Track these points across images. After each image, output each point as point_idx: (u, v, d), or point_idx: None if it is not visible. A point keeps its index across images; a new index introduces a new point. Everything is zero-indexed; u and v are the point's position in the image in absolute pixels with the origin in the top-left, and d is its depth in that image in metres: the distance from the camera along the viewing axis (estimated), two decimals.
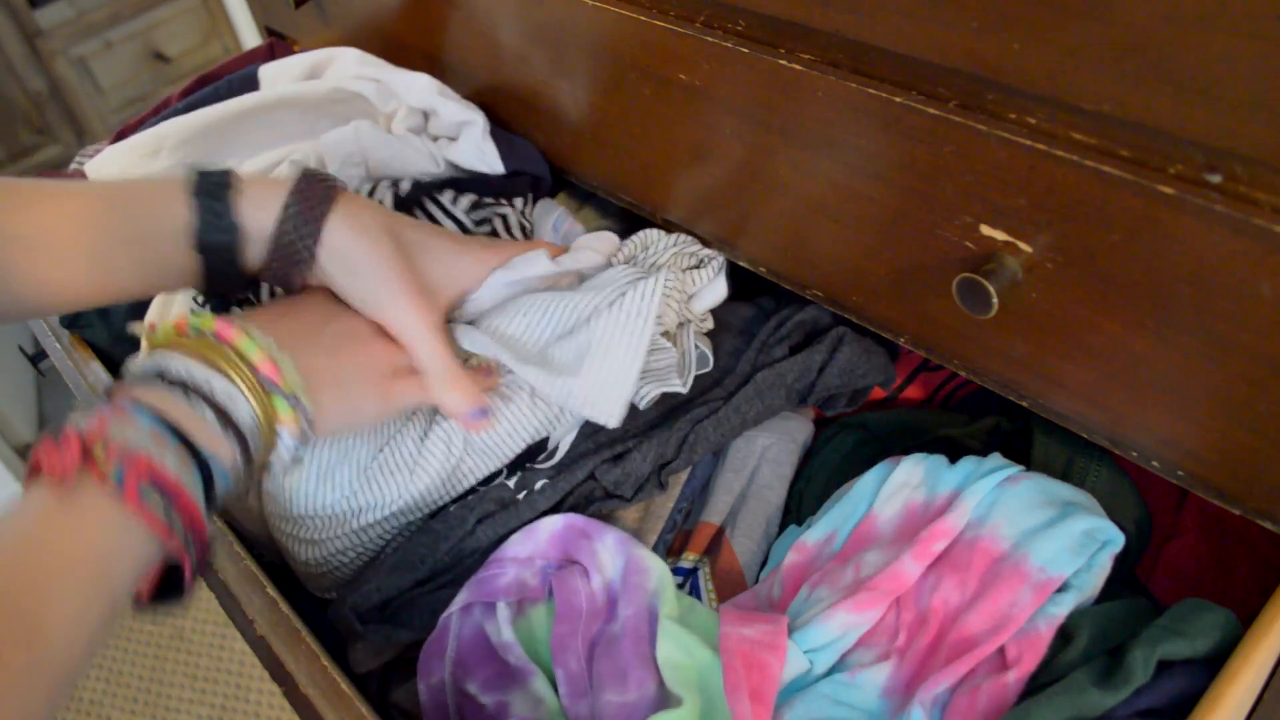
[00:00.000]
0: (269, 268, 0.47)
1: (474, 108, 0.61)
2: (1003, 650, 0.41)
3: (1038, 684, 0.39)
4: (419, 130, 0.64)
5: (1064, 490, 0.45)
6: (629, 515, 0.53)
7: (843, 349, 0.54)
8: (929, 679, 0.40)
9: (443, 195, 0.59)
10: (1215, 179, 0.30)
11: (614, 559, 0.48)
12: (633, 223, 0.61)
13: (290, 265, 0.47)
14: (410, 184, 0.59)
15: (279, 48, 0.83)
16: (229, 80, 0.72)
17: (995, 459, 0.47)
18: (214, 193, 0.46)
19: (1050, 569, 0.41)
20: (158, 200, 0.46)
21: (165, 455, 0.36)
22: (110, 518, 0.34)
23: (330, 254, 0.47)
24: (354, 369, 0.47)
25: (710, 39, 0.43)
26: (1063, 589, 0.41)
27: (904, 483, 0.48)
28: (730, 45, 0.43)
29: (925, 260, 0.41)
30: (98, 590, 0.34)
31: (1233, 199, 0.30)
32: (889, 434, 0.56)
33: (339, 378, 0.46)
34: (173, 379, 0.39)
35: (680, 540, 0.53)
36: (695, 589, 0.51)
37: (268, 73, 0.70)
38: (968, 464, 0.47)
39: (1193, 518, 0.50)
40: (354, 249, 0.47)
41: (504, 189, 0.62)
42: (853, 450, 0.56)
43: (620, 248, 0.57)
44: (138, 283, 0.47)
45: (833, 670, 0.44)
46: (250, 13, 0.96)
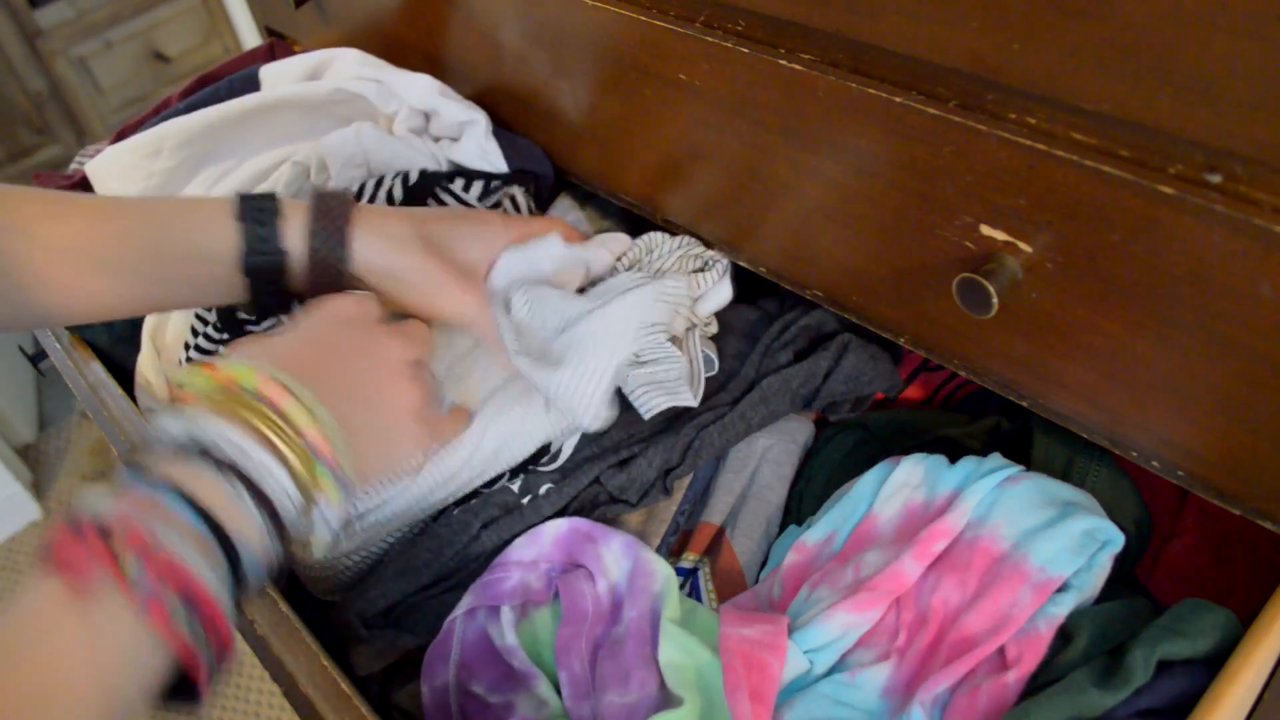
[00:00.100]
0: (311, 285, 0.49)
1: (476, 108, 0.61)
2: (1003, 650, 0.41)
3: (1038, 684, 0.39)
4: (420, 131, 0.64)
5: (1064, 490, 0.45)
6: (632, 519, 0.53)
7: (848, 355, 0.53)
8: (929, 679, 0.40)
9: (453, 184, 0.60)
10: (1215, 179, 0.30)
11: (620, 562, 0.48)
12: (633, 223, 0.61)
13: (330, 282, 0.49)
14: (419, 173, 0.60)
15: (279, 48, 0.83)
16: (230, 81, 0.72)
17: (995, 459, 0.47)
18: (259, 218, 0.47)
19: (1050, 569, 0.41)
20: (203, 221, 0.47)
21: (199, 561, 0.33)
22: (128, 632, 0.31)
23: (368, 269, 0.49)
24: (389, 412, 0.45)
25: (710, 39, 0.43)
26: (1063, 589, 0.41)
27: (904, 483, 0.48)
28: (730, 45, 0.43)
29: (925, 260, 0.41)
30: (100, 711, 0.31)
31: (1233, 199, 0.30)
32: (889, 434, 0.56)
33: (374, 427, 0.43)
34: (208, 449, 0.36)
35: (681, 540, 0.53)
36: (695, 589, 0.51)
37: (269, 73, 0.70)
38: (968, 464, 0.47)
39: (1193, 518, 0.50)
40: (390, 261, 0.49)
41: (509, 181, 0.62)
42: (853, 450, 0.56)
43: (627, 250, 0.57)
44: (179, 298, 0.49)
45: (833, 670, 0.44)
46: (250, 13, 0.96)
